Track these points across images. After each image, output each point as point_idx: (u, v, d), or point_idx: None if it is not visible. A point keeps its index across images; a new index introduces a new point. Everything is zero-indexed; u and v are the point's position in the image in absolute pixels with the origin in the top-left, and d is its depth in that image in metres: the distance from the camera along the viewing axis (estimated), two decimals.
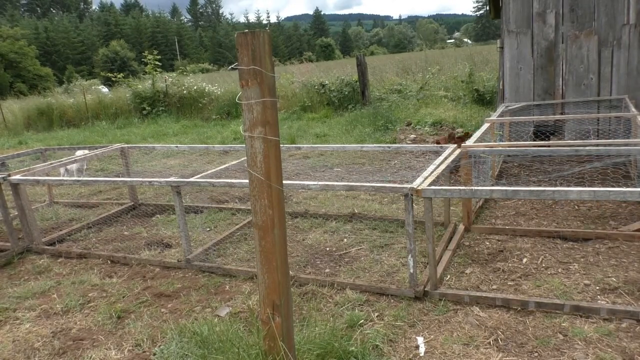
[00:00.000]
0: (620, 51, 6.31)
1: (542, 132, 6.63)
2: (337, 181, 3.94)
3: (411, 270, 3.23)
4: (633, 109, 5.28)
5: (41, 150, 6.42)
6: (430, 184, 3.23)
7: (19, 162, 8.16)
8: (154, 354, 2.84)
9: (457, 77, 14.19)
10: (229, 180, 3.94)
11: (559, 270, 3.49)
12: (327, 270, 3.83)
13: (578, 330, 2.75)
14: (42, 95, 19.97)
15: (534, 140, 6.48)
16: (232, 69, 2.00)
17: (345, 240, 4.43)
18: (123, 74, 18.59)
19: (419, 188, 3.13)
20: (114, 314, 3.35)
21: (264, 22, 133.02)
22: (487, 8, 9.62)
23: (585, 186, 3.58)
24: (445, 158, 3.95)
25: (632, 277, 3.30)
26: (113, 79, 18.49)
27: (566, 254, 3.75)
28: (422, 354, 2.68)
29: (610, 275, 3.35)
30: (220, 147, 5.81)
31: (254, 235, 2.18)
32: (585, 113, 6.35)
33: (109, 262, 4.36)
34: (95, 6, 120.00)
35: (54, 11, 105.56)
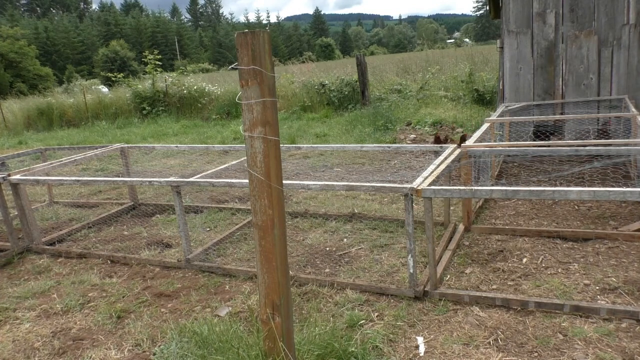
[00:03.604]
0: (620, 51, 6.31)
1: (542, 132, 6.63)
2: (337, 181, 3.94)
3: (411, 270, 3.23)
4: (633, 109, 5.28)
5: (41, 150, 6.42)
6: (430, 184, 3.23)
7: (19, 162, 8.16)
8: (154, 354, 2.84)
9: (457, 77, 14.20)
10: (229, 180, 3.94)
11: (559, 270, 3.49)
12: (327, 270, 3.83)
13: (578, 330, 2.75)
14: (42, 95, 19.96)
15: (534, 140, 6.48)
16: (232, 68, 2.00)
17: (345, 240, 4.43)
18: (123, 74, 18.61)
19: (419, 188, 3.14)
20: (114, 314, 3.35)
21: (264, 21, 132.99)
22: (487, 8, 9.62)
23: (585, 186, 3.58)
24: (445, 158, 3.95)
25: (632, 277, 3.30)
26: (113, 78, 18.51)
27: (566, 254, 3.75)
28: (422, 354, 2.69)
29: (610, 275, 3.35)
30: (220, 147, 5.81)
31: (254, 235, 2.18)
32: (585, 113, 6.35)
33: (109, 262, 4.36)
34: (95, 6, 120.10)
35: (54, 11, 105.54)
